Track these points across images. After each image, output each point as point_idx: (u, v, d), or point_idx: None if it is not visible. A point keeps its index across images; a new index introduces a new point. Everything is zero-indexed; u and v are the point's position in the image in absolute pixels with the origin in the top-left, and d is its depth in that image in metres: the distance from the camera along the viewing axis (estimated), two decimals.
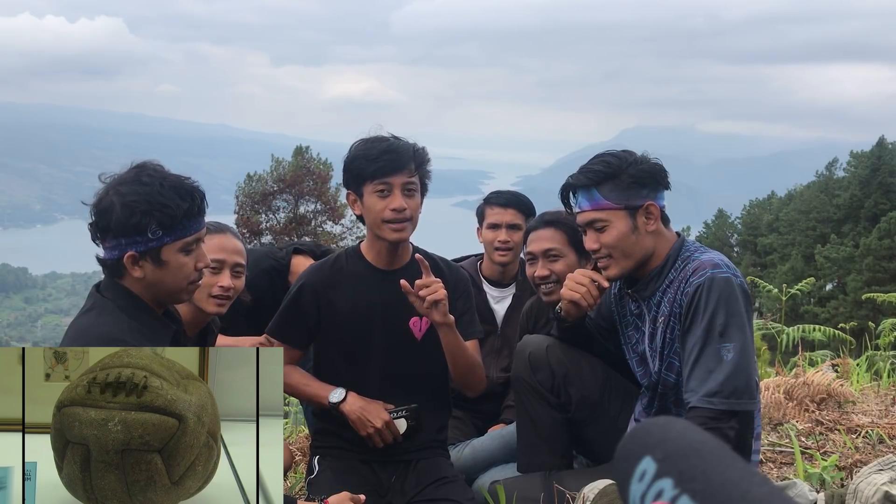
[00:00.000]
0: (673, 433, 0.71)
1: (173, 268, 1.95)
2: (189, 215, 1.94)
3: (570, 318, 2.51)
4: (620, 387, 2.60)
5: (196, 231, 1.98)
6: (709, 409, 2.10)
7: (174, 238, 1.93)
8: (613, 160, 2.30)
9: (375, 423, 2.45)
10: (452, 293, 2.54)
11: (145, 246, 1.91)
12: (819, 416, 3.42)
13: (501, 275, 3.30)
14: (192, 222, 1.96)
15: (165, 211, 1.89)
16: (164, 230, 1.91)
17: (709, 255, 2.27)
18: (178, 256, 1.95)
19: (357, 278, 2.54)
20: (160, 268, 1.94)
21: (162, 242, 1.92)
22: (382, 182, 2.39)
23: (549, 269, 2.78)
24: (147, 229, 1.89)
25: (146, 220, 1.89)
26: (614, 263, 2.32)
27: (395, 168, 2.38)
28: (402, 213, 2.40)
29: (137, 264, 1.93)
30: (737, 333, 2.13)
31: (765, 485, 0.64)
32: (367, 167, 2.39)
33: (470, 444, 2.96)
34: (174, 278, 1.96)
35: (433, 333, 2.50)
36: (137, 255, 1.92)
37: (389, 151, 2.39)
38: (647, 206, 2.29)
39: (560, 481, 2.48)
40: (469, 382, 2.56)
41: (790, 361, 4.60)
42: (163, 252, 1.93)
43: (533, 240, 2.85)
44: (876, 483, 2.06)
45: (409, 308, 2.47)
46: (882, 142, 33.99)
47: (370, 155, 2.40)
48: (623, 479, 0.72)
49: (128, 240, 1.91)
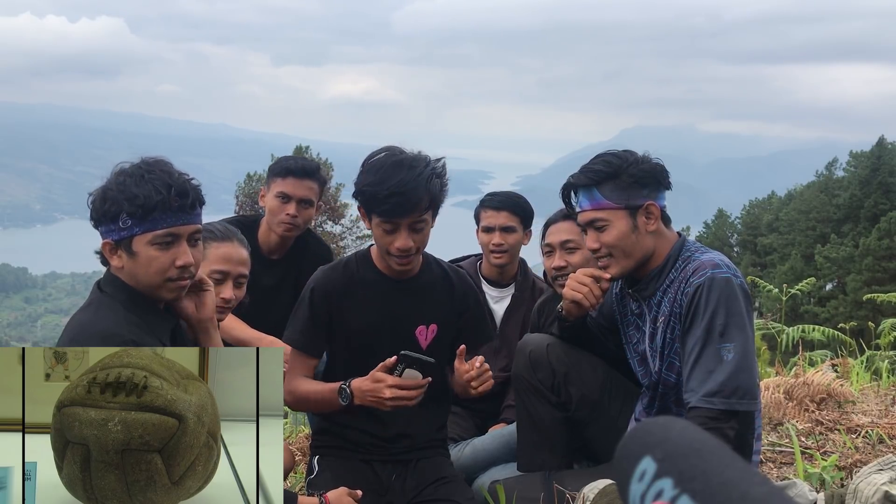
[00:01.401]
0: (673, 433, 0.71)
1: (143, 260, 1.93)
2: (164, 208, 1.91)
3: (571, 318, 2.51)
4: (621, 386, 2.60)
5: (171, 226, 1.93)
6: (709, 409, 2.10)
7: (143, 230, 1.91)
8: (614, 160, 2.30)
9: (384, 398, 2.26)
10: (461, 304, 2.59)
11: (118, 235, 1.93)
12: (819, 416, 3.42)
13: (500, 275, 3.31)
14: (167, 216, 1.92)
15: (135, 201, 1.89)
16: (134, 220, 1.90)
17: (709, 255, 2.28)
18: (148, 249, 1.92)
19: (368, 286, 2.51)
20: (133, 259, 1.93)
21: (132, 233, 1.92)
22: (389, 221, 2.33)
23: (566, 261, 2.82)
24: (118, 218, 1.91)
25: (115, 209, 1.90)
26: (615, 263, 2.32)
27: (403, 212, 2.29)
28: (408, 252, 2.36)
29: (115, 253, 1.95)
30: (737, 333, 2.13)
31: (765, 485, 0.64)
32: (375, 206, 2.31)
33: (470, 443, 2.96)
34: (146, 272, 1.94)
35: (437, 342, 2.54)
36: (113, 243, 1.94)
37: (398, 194, 2.25)
38: (648, 206, 2.29)
39: (560, 481, 2.49)
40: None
41: (790, 361, 4.60)
42: (133, 243, 1.92)
43: (552, 232, 2.88)
44: (876, 483, 2.06)
45: (416, 317, 2.50)
46: (882, 142, 34.00)
47: (378, 194, 2.27)
48: (623, 479, 0.72)
49: (104, 228, 1.94)
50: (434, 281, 2.57)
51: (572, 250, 2.83)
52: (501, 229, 3.21)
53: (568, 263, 2.80)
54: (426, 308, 2.54)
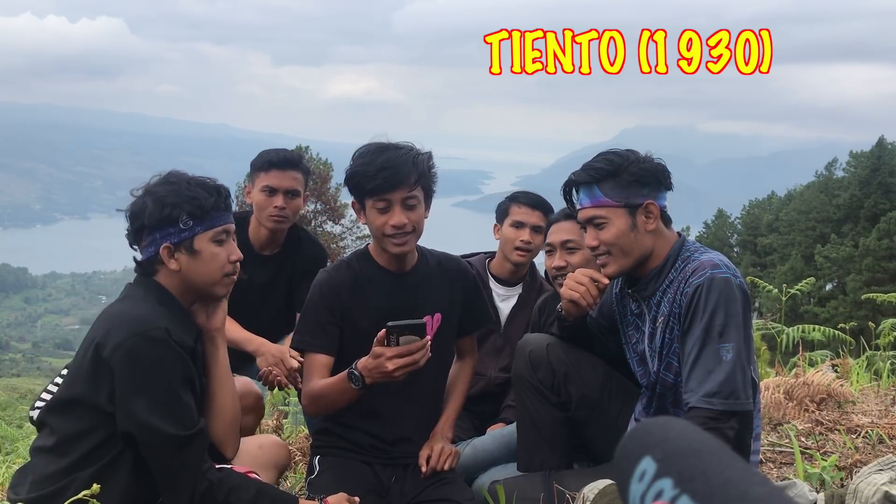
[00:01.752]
0: (673, 433, 0.71)
1: (206, 257, 2.08)
2: (217, 207, 2.09)
3: (570, 318, 2.51)
4: (621, 386, 2.60)
5: (225, 222, 2.11)
6: (708, 409, 2.10)
7: (205, 227, 2.07)
8: (615, 158, 2.30)
9: (389, 371, 2.22)
10: (460, 289, 2.63)
11: (179, 237, 2.06)
12: (819, 416, 3.42)
13: (512, 274, 3.25)
14: (221, 214, 2.11)
15: (195, 202, 2.05)
16: (195, 220, 2.06)
17: (708, 256, 2.27)
18: (210, 246, 2.09)
19: (369, 281, 2.53)
20: (194, 257, 2.07)
21: (194, 232, 2.06)
22: (382, 199, 2.37)
23: (566, 261, 2.82)
24: (179, 220, 2.05)
25: (177, 212, 2.04)
26: (613, 261, 2.32)
27: (393, 185, 2.34)
28: (403, 228, 2.38)
29: (173, 256, 2.07)
30: (736, 334, 2.13)
31: (765, 485, 0.64)
32: (366, 184, 2.37)
33: (470, 443, 2.96)
34: (208, 268, 2.09)
35: (444, 332, 2.58)
36: (172, 246, 2.06)
37: (386, 168, 2.34)
38: (647, 205, 2.29)
39: (560, 481, 2.48)
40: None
41: (790, 361, 4.60)
42: (195, 241, 2.07)
43: (553, 231, 2.88)
44: (876, 483, 2.06)
45: (420, 308, 2.51)
46: (882, 142, 33.98)
47: (368, 172, 2.36)
48: (623, 479, 0.72)
49: (162, 233, 2.06)
50: (431, 271, 2.60)
51: (573, 250, 2.83)
52: (533, 228, 3.16)
53: (568, 263, 2.80)
54: (429, 298, 2.56)
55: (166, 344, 1.98)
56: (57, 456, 2.03)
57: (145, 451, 2.01)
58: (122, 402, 1.98)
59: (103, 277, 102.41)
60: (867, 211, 31.35)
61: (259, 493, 2.10)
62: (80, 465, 2.01)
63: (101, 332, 2.02)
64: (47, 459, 2.05)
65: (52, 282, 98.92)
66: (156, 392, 1.97)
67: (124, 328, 1.98)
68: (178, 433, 1.98)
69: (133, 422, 1.98)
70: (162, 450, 1.99)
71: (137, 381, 1.96)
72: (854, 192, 32.53)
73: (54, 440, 2.05)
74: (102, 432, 2.01)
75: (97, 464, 2.00)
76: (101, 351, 1.98)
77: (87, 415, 2.01)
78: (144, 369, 1.96)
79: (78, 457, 2.01)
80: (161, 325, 1.99)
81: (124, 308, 2.07)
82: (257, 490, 2.10)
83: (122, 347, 1.96)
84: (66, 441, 2.03)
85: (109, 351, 1.96)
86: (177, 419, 1.99)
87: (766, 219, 37.70)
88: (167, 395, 1.98)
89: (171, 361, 2.00)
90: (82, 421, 2.02)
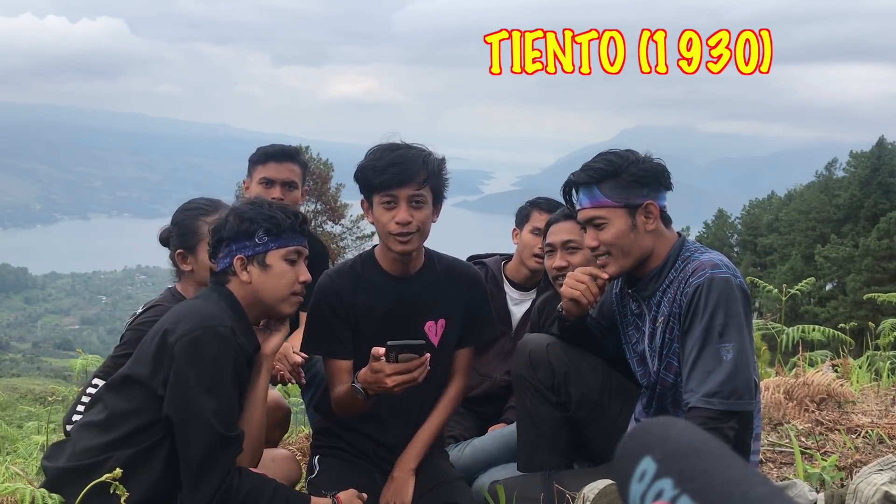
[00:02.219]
0: (673, 433, 0.71)
1: (276, 273, 2.21)
2: (292, 229, 2.23)
3: (571, 317, 2.51)
4: (621, 386, 2.60)
5: (298, 244, 2.24)
6: (708, 409, 2.10)
7: (279, 245, 2.21)
8: (615, 158, 2.30)
9: (388, 387, 2.25)
10: (466, 296, 2.59)
11: (253, 250, 2.20)
12: (819, 416, 3.42)
13: (527, 279, 3.24)
14: (296, 236, 2.24)
15: (272, 220, 2.19)
16: (270, 236, 2.20)
17: (708, 256, 2.27)
18: (281, 263, 2.21)
19: (373, 285, 2.51)
20: (265, 272, 2.20)
21: (268, 248, 2.20)
22: (388, 194, 2.36)
23: (567, 261, 2.81)
24: (255, 234, 2.19)
25: (254, 227, 2.18)
26: (612, 261, 2.32)
27: (401, 181, 2.34)
28: (408, 227, 2.36)
29: (245, 268, 2.20)
30: (736, 334, 2.13)
31: (765, 485, 0.64)
32: (374, 179, 2.37)
33: (470, 443, 2.96)
34: (277, 284, 2.21)
35: (448, 338, 2.56)
36: (246, 258, 2.20)
37: (396, 164, 2.34)
38: (647, 206, 2.29)
39: (560, 481, 2.48)
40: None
41: (790, 361, 4.59)
42: (268, 257, 2.20)
43: (553, 231, 2.88)
44: (876, 483, 2.06)
45: (424, 313, 2.50)
46: (882, 142, 33.97)
47: (377, 167, 2.36)
48: (623, 479, 0.72)
49: (238, 245, 2.19)
50: (438, 276, 2.57)
51: (573, 250, 2.83)
52: None
53: (569, 263, 2.80)
54: (433, 303, 2.54)
55: (230, 341, 2.09)
56: (101, 431, 2.12)
57: (184, 438, 2.06)
58: (175, 386, 2.05)
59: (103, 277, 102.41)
60: (867, 211, 31.35)
61: (276, 493, 2.17)
62: (120, 444, 2.09)
63: (172, 321, 2.13)
64: (92, 433, 2.14)
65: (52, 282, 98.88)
66: (210, 383, 2.05)
67: (194, 319, 2.10)
68: (220, 430, 2.05)
69: (181, 405, 2.05)
70: (200, 440, 2.05)
71: (195, 369, 2.05)
72: (854, 192, 32.53)
73: (104, 416, 2.14)
74: (149, 415, 2.10)
75: (136, 447, 2.09)
76: (167, 337, 2.09)
77: (140, 396, 2.11)
78: (204, 359, 2.05)
79: (120, 435, 2.09)
80: (228, 324, 2.11)
81: (197, 304, 2.20)
82: (274, 489, 2.17)
83: (188, 335, 2.06)
84: (113, 417, 2.12)
85: (175, 338, 2.07)
86: (222, 416, 2.06)
87: (766, 219, 37.69)
88: (220, 388, 2.07)
89: (231, 359, 2.09)
90: (133, 401, 2.11)
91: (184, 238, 2.63)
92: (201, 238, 2.58)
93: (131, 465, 2.04)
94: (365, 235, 26.22)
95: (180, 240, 2.64)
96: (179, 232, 2.64)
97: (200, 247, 2.58)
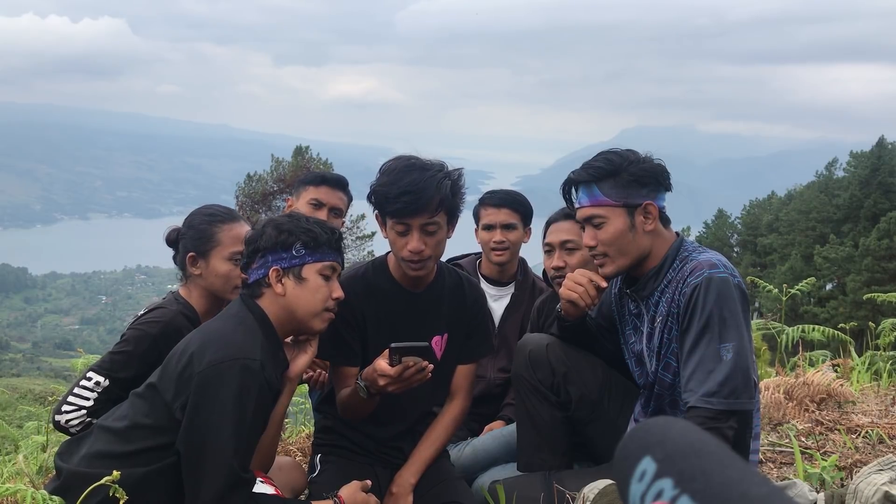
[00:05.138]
0: (673, 433, 0.71)
1: (311, 287, 2.17)
2: (329, 244, 2.21)
3: (569, 318, 2.51)
4: (620, 386, 2.60)
5: (334, 260, 2.22)
6: (707, 408, 2.10)
7: (315, 259, 2.18)
8: (615, 158, 2.30)
9: (381, 385, 2.25)
10: (470, 314, 2.59)
11: (289, 262, 2.17)
12: (819, 416, 3.42)
13: (500, 274, 3.30)
14: (332, 252, 2.22)
15: (310, 234, 2.18)
16: (308, 250, 2.17)
17: (706, 256, 2.27)
18: (317, 278, 2.18)
19: (385, 295, 2.50)
20: (300, 285, 2.16)
21: (304, 261, 2.17)
22: (401, 222, 2.32)
23: (565, 261, 2.82)
24: (292, 247, 2.16)
25: (292, 239, 2.16)
26: (610, 261, 2.32)
27: (413, 212, 2.28)
28: (421, 254, 2.34)
29: (280, 280, 2.16)
30: (734, 333, 2.13)
31: (765, 485, 0.64)
32: (386, 206, 2.32)
33: (471, 443, 2.96)
34: (311, 298, 2.17)
35: (449, 353, 2.56)
36: (281, 270, 2.16)
37: (409, 192, 2.26)
38: (646, 206, 2.29)
39: (560, 481, 2.48)
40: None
41: (790, 361, 4.60)
42: (304, 270, 2.17)
43: (552, 231, 2.89)
44: (876, 483, 2.06)
45: (430, 327, 2.51)
46: (882, 142, 33.98)
47: (390, 195, 2.29)
48: (623, 479, 0.72)
49: (274, 256, 2.16)
50: (445, 290, 2.56)
51: (572, 250, 2.83)
52: (502, 226, 3.21)
53: (567, 263, 2.81)
54: (439, 318, 2.54)
55: (258, 378, 2.02)
56: (119, 440, 2.09)
57: (195, 475, 1.99)
58: (195, 418, 1.99)
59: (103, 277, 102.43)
60: (867, 211, 31.34)
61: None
62: (134, 459, 2.05)
63: (200, 344, 2.06)
64: (109, 439, 2.11)
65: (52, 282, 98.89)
66: (232, 417, 1.98)
67: (223, 349, 2.02)
68: (238, 471, 1.99)
69: (197, 441, 1.98)
70: (215, 480, 1.97)
71: (217, 404, 1.97)
72: (854, 192, 32.52)
73: (124, 424, 2.10)
74: (166, 436, 2.05)
75: (149, 466, 2.05)
76: (194, 361, 2.02)
77: (160, 413, 2.06)
78: (229, 393, 1.97)
79: (135, 449, 2.06)
80: (258, 358, 2.03)
81: (228, 328, 2.10)
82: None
83: (213, 367, 1.99)
84: (133, 429, 2.09)
85: (202, 366, 2.00)
86: (239, 451, 2.00)
87: (766, 219, 37.68)
88: (242, 423, 1.99)
89: (256, 395, 2.02)
90: (152, 416, 2.07)
91: (198, 242, 2.58)
92: (216, 244, 2.55)
93: (142, 484, 2.00)
94: (365, 235, 26.21)
95: (194, 243, 2.59)
96: (194, 235, 2.60)
97: (214, 253, 2.55)
